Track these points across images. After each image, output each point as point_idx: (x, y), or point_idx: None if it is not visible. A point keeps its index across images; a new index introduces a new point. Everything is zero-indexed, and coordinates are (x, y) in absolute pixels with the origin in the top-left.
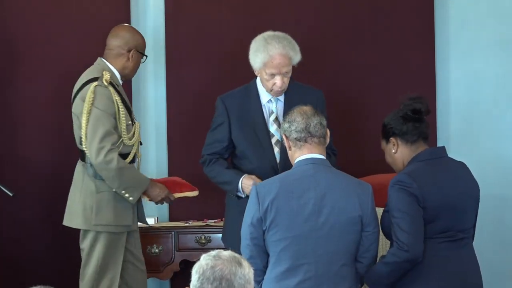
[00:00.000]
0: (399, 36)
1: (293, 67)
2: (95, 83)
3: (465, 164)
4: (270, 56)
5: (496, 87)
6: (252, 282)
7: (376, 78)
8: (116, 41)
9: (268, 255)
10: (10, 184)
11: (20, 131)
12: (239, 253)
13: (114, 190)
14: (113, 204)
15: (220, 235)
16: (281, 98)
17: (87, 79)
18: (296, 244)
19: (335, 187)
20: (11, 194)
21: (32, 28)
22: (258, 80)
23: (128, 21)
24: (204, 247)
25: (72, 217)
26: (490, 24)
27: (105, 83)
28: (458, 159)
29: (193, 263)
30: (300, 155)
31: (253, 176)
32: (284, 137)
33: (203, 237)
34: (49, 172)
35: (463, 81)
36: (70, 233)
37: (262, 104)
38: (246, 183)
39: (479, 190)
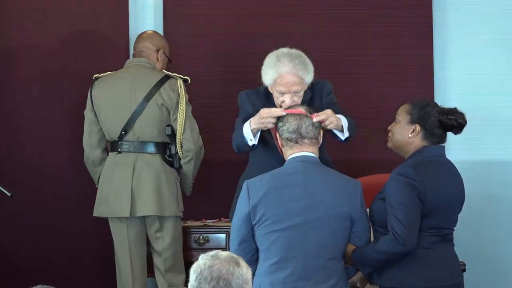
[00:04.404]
0: (397, 37)
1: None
2: (180, 80)
3: (456, 168)
4: (279, 74)
5: (494, 88)
6: (250, 282)
7: (374, 79)
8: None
9: (253, 251)
10: (8, 184)
11: (18, 132)
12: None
13: (187, 178)
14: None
15: (219, 235)
16: None
17: (163, 74)
18: (286, 237)
19: (324, 183)
20: (9, 194)
21: (29, 27)
22: None
23: (127, 22)
24: (203, 247)
25: (164, 207)
26: (488, 25)
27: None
28: (456, 160)
29: (192, 263)
30: (291, 153)
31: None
32: (277, 135)
33: (201, 237)
34: (47, 172)
35: (461, 81)
36: (67, 232)
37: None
38: (260, 114)
39: (465, 195)
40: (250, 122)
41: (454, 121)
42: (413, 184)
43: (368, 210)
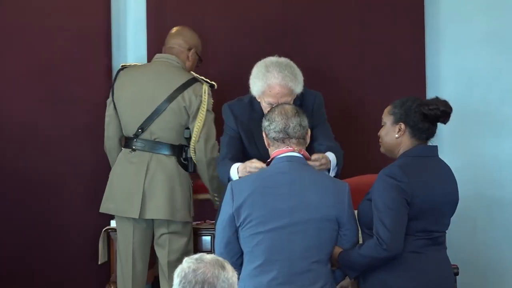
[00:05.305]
0: (389, 32)
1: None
2: (205, 85)
3: (450, 169)
4: (268, 85)
5: (487, 83)
6: (236, 286)
7: (366, 74)
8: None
9: (238, 254)
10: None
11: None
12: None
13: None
14: None
15: (204, 237)
16: None
17: (190, 76)
18: (269, 239)
19: (311, 184)
20: None
21: (10, 24)
22: None
23: (109, 16)
24: None
25: (175, 211)
26: (480, 20)
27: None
28: (449, 157)
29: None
30: (278, 153)
31: (254, 161)
32: (264, 134)
33: None
34: (31, 171)
35: (454, 77)
36: (53, 232)
37: None
38: (247, 168)
39: (458, 197)
40: (238, 169)
41: (437, 110)
42: (400, 186)
43: (356, 211)
